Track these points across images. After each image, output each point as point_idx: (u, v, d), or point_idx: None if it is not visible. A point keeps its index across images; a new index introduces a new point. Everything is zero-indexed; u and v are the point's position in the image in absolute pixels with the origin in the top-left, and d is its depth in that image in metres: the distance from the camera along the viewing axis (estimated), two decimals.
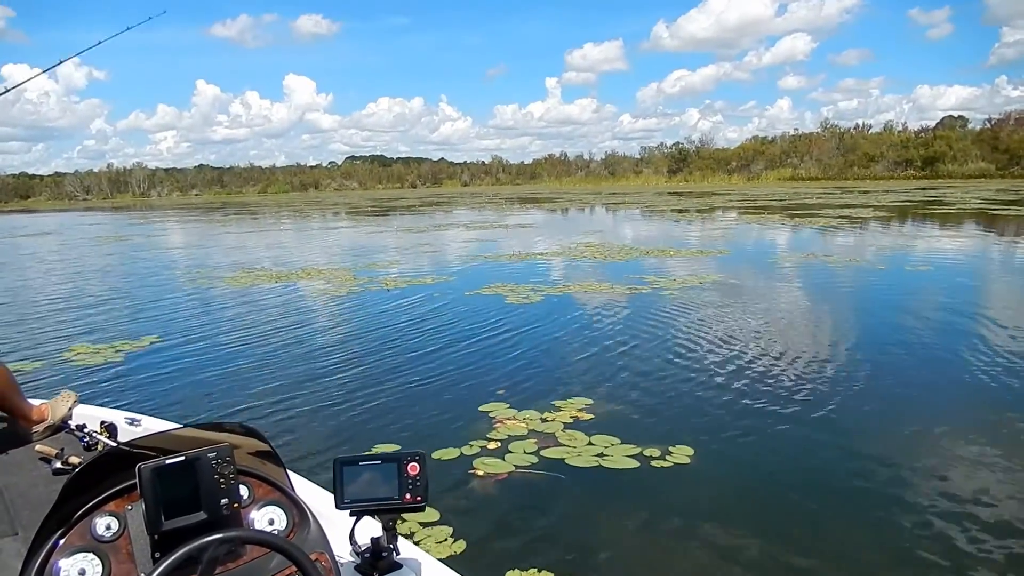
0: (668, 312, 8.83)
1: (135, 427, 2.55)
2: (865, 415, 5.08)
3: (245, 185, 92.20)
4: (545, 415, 5.13)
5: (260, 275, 13.79)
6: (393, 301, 10.37)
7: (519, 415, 5.16)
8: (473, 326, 8.41)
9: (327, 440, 4.83)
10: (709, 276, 11.59)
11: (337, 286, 11.89)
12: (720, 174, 73.01)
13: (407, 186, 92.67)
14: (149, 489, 1.49)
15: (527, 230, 23.67)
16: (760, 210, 28.77)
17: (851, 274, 11.71)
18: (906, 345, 7.05)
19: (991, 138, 62.73)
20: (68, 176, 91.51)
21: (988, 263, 13.50)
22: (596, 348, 7.18)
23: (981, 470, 4.08)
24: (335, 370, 6.65)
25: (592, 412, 5.17)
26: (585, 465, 4.24)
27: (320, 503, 1.87)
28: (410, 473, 1.66)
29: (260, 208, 51.96)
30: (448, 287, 11.47)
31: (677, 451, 4.38)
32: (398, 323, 8.78)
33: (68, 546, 1.52)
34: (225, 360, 7.22)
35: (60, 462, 2.21)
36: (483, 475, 4.15)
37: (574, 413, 5.15)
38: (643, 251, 15.59)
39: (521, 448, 4.52)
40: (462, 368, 6.62)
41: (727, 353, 6.80)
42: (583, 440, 4.62)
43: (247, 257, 18.03)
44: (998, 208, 26.29)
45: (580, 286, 11.00)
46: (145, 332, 8.70)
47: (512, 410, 5.27)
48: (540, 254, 15.84)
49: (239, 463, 1.64)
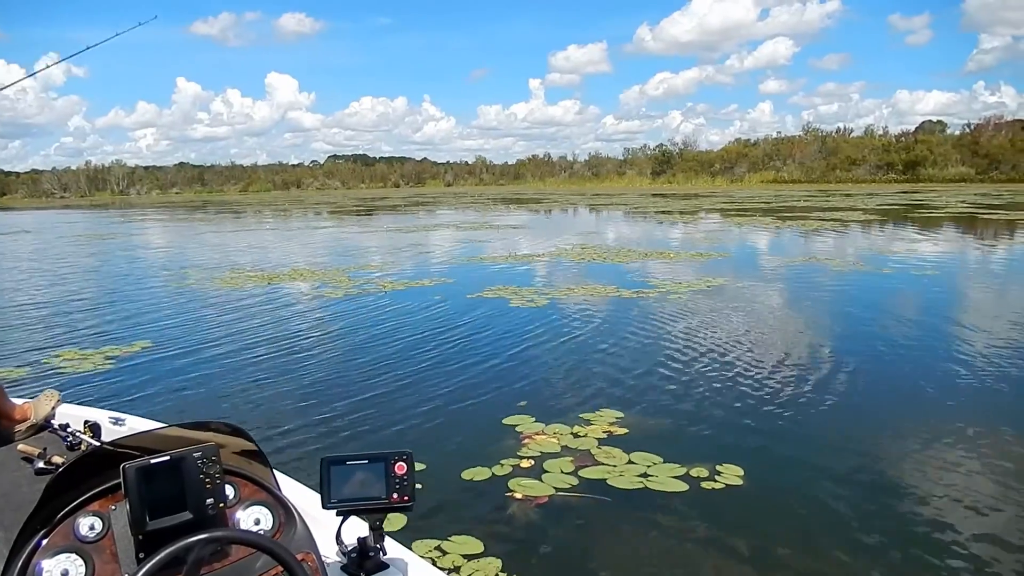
0: (681, 317, 8.57)
1: (119, 426, 2.52)
2: (932, 426, 4.83)
3: (226, 184, 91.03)
4: (575, 429, 4.83)
5: (251, 276, 13.37)
6: (393, 305, 10.02)
7: (547, 429, 4.85)
8: (482, 332, 8.09)
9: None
10: (715, 280, 11.35)
11: (333, 288, 11.51)
12: (703, 176, 73.13)
13: (390, 186, 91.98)
14: (134, 489, 1.46)
15: (519, 231, 23.37)
16: (749, 212, 28.68)
17: (861, 279, 11.53)
18: (964, 359, 6.83)
19: (971, 143, 63.42)
20: (46, 173, 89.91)
21: (1005, 265, 13.42)
22: (616, 355, 6.90)
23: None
24: (339, 382, 6.30)
25: (625, 426, 4.87)
26: (629, 487, 3.94)
27: (307, 503, 1.85)
28: (397, 472, 1.63)
29: (243, 207, 51.22)
30: (448, 290, 11.14)
31: (726, 471, 4.09)
32: (401, 328, 8.44)
33: (51, 546, 1.50)
34: (222, 369, 6.84)
35: (43, 462, 2.13)
36: (522, 498, 3.84)
37: (606, 427, 4.86)
38: (641, 253, 15.35)
39: (557, 467, 4.21)
40: (477, 377, 6.30)
41: (752, 360, 6.54)
42: (622, 458, 4.32)
43: (235, 257, 17.56)
44: (984, 212, 26.40)
45: (585, 289, 10.71)
46: (136, 336, 8.29)
47: (539, 424, 4.96)
48: (537, 256, 15.54)
49: (225, 462, 1.63)
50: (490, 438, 4.78)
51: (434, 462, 4.33)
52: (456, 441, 4.78)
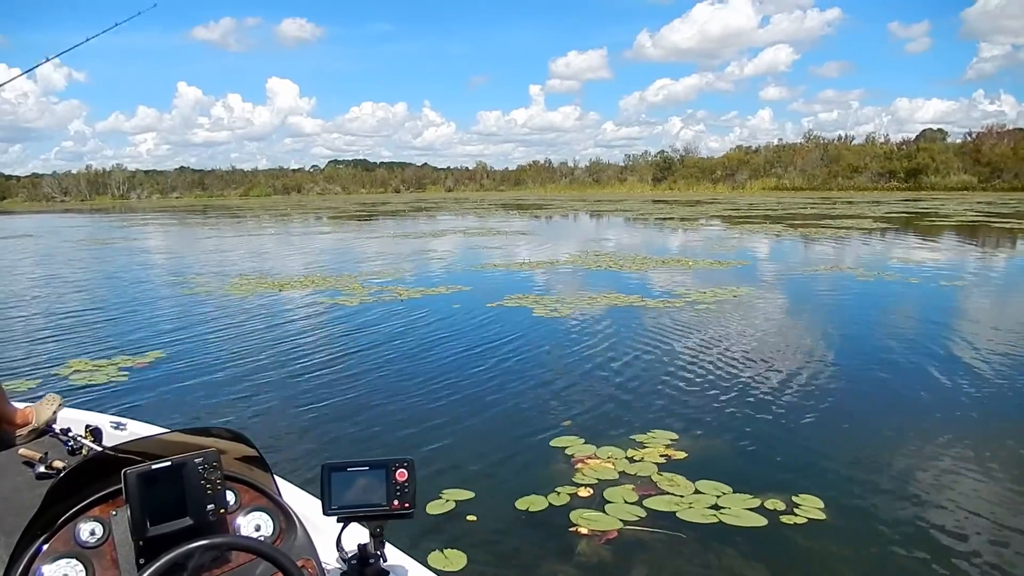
0: (716, 327, 8.27)
1: (121, 431, 2.49)
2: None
3: (227, 188, 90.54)
4: (630, 453, 4.52)
5: (261, 283, 13.05)
6: (412, 313, 9.70)
7: (599, 452, 4.54)
8: (508, 343, 7.79)
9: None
10: (741, 289, 11.04)
11: (347, 296, 11.18)
12: (705, 183, 72.81)
13: (391, 191, 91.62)
14: (135, 494, 1.46)
15: (527, 237, 23.06)
16: (757, 220, 28.39)
17: (897, 290, 11.24)
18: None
19: (973, 151, 63.21)
20: (46, 177, 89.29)
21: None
22: (657, 370, 6.59)
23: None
24: (369, 397, 5.99)
25: (682, 449, 4.56)
26: (702, 520, 3.63)
27: (307, 509, 1.85)
28: (398, 479, 1.61)
29: (244, 211, 50.90)
30: (466, 298, 10.83)
31: (804, 502, 3.77)
32: (424, 340, 8.13)
33: (51, 552, 1.50)
34: (242, 382, 6.52)
35: (44, 466, 2.12)
36: (588, 533, 3.52)
37: (662, 450, 4.55)
38: (658, 261, 15.04)
39: (619, 497, 3.90)
40: (513, 394, 5.99)
41: (803, 372, 6.24)
42: (687, 487, 4.00)
43: (243, 263, 17.25)
44: (995, 221, 26.13)
45: (608, 298, 10.40)
46: (148, 346, 7.98)
47: (589, 446, 4.64)
48: (551, 263, 15.23)
49: (226, 468, 1.63)
50: (539, 462, 4.47)
51: (483, 489, 4.03)
52: (503, 465, 4.47)
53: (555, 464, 4.41)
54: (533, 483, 4.11)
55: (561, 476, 4.20)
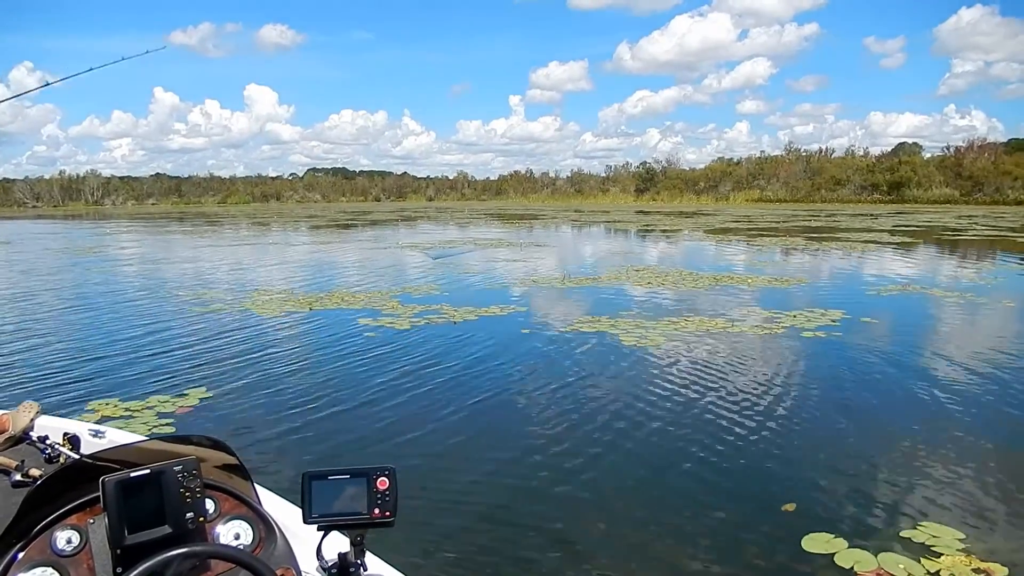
0: (862, 362, 7.16)
1: (99, 439, 2.43)
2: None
3: (204, 195, 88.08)
4: (924, 562, 3.33)
5: (285, 299, 11.68)
6: (479, 342, 8.40)
7: (879, 559, 3.35)
8: (625, 384, 6.58)
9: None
10: (830, 312, 9.91)
11: (392, 317, 9.86)
12: (688, 194, 72.43)
13: (371, 199, 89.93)
14: (112, 503, 1.45)
15: (547, 250, 21.91)
16: (769, 232, 27.49)
17: (991, 311, 10.26)
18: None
19: (954, 164, 63.66)
20: (17, 182, 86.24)
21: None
22: (854, 423, 5.43)
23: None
24: (483, 467, 4.75)
25: (988, 553, 3.39)
26: None
27: (288, 518, 1.82)
28: (379, 488, 1.56)
29: (226, 219, 49.09)
30: (528, 321, 9.59)
31: None
32: (511, 376, 6.93)
33: (27, 560, 1.48)
34: (315, 427, 5.26)
35: (20, 474, 2.02)
36: None
37: (963, 558, 3.36)
38: (710, 278, 13.90)
39: None
40: (676, 461, 4.79)
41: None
42: None
43: (253, 275, 15.82)
44: (1018, 236, 25.55)
45: (690, 321, 9.24)
46: (185, 380, 6.69)
47: (858, 550, 3.44)
48: (596, 279, 14.02)
49: (206, 476, 1.62)
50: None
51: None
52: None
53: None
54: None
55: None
